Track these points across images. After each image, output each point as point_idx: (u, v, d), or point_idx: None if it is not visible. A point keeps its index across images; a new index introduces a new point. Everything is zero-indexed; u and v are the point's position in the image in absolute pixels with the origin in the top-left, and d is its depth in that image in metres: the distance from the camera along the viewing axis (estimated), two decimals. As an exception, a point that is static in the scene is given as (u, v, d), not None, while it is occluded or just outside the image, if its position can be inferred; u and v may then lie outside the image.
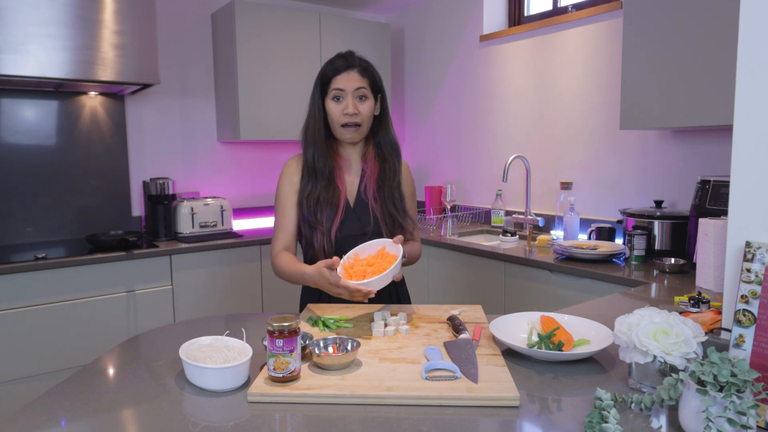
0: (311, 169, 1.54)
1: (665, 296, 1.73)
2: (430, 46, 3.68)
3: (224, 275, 2.85)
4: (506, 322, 1.24)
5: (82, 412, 0.93)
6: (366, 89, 1.51)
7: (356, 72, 1.50)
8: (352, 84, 1.49)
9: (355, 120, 1.50)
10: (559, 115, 2.90)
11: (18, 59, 2.33)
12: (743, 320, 0.91)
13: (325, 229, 1.50)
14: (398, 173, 1.59)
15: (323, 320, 1.30)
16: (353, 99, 1.50)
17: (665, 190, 2.48)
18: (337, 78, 1.50)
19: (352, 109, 1.49)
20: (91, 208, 2.97)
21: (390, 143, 1.59)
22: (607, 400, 0.84)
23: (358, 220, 1.54)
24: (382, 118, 1.59)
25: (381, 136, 1.59)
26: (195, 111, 3.29)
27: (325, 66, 1.53)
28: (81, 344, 2.46)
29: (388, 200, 1.55)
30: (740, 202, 1.00)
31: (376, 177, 1.56)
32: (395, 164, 1.59)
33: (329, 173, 1.53)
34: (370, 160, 1.58)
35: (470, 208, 3.42)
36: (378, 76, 1.56)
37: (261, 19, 3.09)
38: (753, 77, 0.98)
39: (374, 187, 1.56)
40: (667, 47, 2.06)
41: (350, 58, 1.52)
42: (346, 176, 1.58)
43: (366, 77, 1.51)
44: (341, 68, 1.50)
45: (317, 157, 1.53)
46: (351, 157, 1.60)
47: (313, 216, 1.52)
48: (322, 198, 1.52)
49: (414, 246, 1.63)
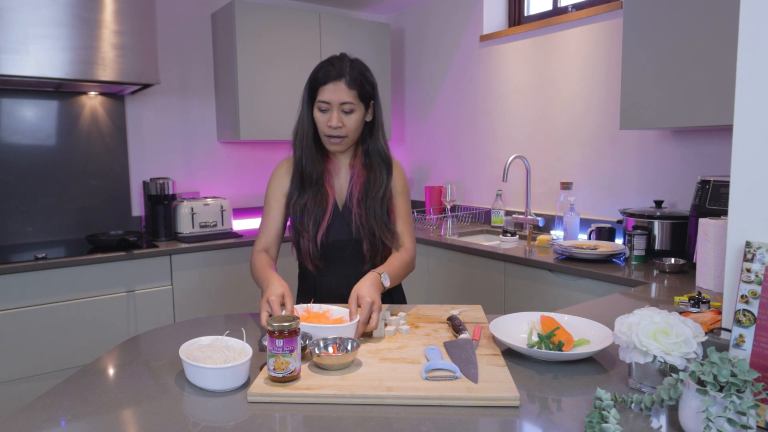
0: (300, 173, 1.53)
1: (665, 296, 1.73)
2: (430, 46, 3.68)
3: (224, 275, 2.84)
4: (506, 322, 1.24)
5: (82, 412, 0.93)
6: (353, 103, 1.44)
7: (344, 83, 1.43)
8: (337, 97, 1.43)
9: (339, 133, 1.47)
10: (559, 115, 2.90)
11: (18, 59, 2.33)
12: (743, 320, 0.91)
13: (311, 236, 1.50)
14: (384, 186, 1.53)
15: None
16: (338, 113, 1.44)
17: (665, 190, 2.48)
18: (323, 89, 1.44)
19: (336, 122, 1.44)
20: (91, 208, 2.97)
21: (378, 152, 1.54)
22: (607, 400, 0.84)
23: (345, 224, 1.53)
24: (373, 125, 1.54)
25: (370, 144, 1.55)
26: (195, 111, 3.29)
27: (315, 71, 1.47)
28: (81, 344, 2.46)
29: (369, 213, 1.51)
30: (740, 202, 1.00)
31: (361, 185, 1.53)
32: (382, 176, 1.53)
33: (317, 178, 1.52)
34: (358, 166, 1.55)
35: (470, 208, 3.42)
36: (369, 83, 1.48)
37: (261, 19, 3.09)
38: (753, 77, 0.98)
39: (358, 195, 1.52)
40: (667, 47, 2.06)
41: (339, 66, 1.44)
42: (336, 180, 1.56)
43: (354, 89, 1.44)
44: (329, 78, 1.43)
45: (306, 163, 1.51)
46: (340, 162, 1.58)
47: (299, 221, 1.51)
48: (309, 205, 1.51)
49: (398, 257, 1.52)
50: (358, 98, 1.46)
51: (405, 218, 1.59)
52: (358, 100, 1.46)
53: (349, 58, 1.47)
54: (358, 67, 1.47)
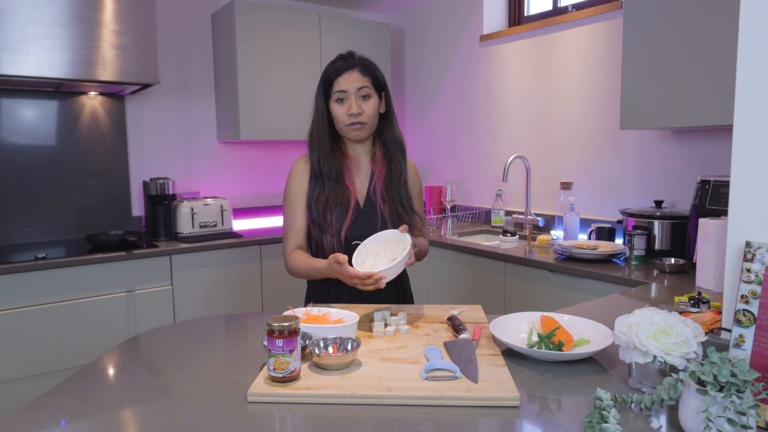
0: (317, 172, 1.55)
1: (665, 296, 1.73)
2: (430, 46, 3.68)
3: (224, 275, 2.84)
4: (506, 322, 1.24)
5: (82, 412, 0.93)
6: (369, 88, 1.51)
7: (357, 71, 1.50)
8: (354, 84, 1.49)
9: (360, 119, 1.51)
10: (559, 115, 2.90)
11: (18, 59, 2.33)
12: (743, 320, 0.91)
13: (335, 231, 1.51)
14: (404, 171, 1.60)
15: None
16: (356, 99, 1.50)
17: (665, 190, 2.48)
18: (338, 79, 1.50)
19: (356, 109, 1.49)
20: (91, 208, 2.97)
21: (395, 141, 1.60)
22: (607, 400, 0.84)
23: (368, 220, 1.55)
24: (387, 115, 1.60)
25: (387, 134, 1.60)
26: (195, 111, 3.29)
27: (327, 68, 1.54)
28: (81, 344, 2.46)
29: (395, 200, 1.56)
30: (740, 202, 1.00)
31: (383, 177, 1.58)
32: (401, 163, 1.59)
33: (336, 175, 1.54)
34: (378, 160, 1.59)
35: (470, 208, 3.42)
36: (380, 73, 1.56)
37: (261, 19, 3.09)
38: (753, 77, 0.98)
39: (382, 187, 1.57)
40: (667, 47, 2.06)
41: (350, 58, 1.52)
42: (356, 177, 1.59)
43: (368, 75, 1.51)
44: (342, 69, 1.50)
45: (322, 161, 1.54)
46: (360, 158, 1.61)
47: (322, 218, 1.53)
48: (331, 200, 1.53)
49: (421, 242, 1.63)
50: (372, 85, 1.52)
51: (420, 215, 1.66)
52: (373, 87, 1.52)
53: (358, 54, 1.55)
54: (367, 59, 1.56)
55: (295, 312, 1.28)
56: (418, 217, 1.62)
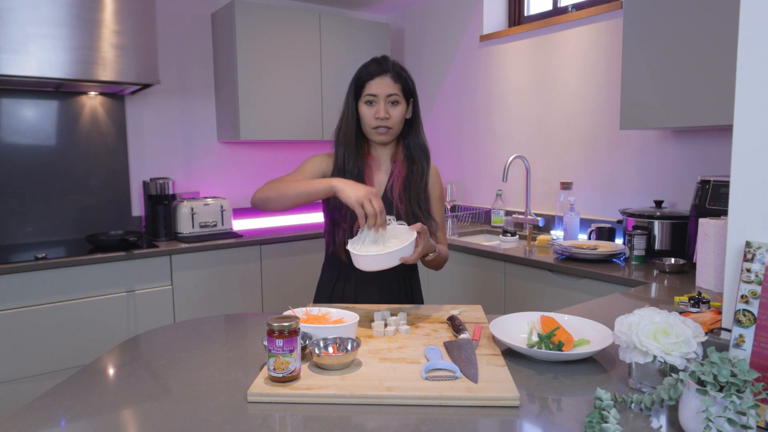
0: (341, 168, 1.57)
1: (665, 296, 1.73)
2: (430, 46, 3.68)
3: (224, 275, 2.84)
4: (506, 322, 1.24)
5: (82, 412, 0.93)
6: (398, 95, 1.54)
7: (389, 77, 1.54)
8: (384, 89, 1.53)
9: (386, 124, 1.54)
10: (559, 115, 2.90)
11: (18, 59, 2.33)
12: (743, 320, 0.91)
13: (348, 225, 1.53)
14: (425, 176, 1.61)
15: None
16: (385, 104, 1.53)
17: (665, 190, 2.48)
18: (370, 83, 1.53)
19: (384, 113, 1.52)
20: (91, 208, 2.97)
21: (420, 146, 1.62)
22: (607, 400, 0.84)
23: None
24: (413, 121, 1.62)
25: (411, 139, 1.62)
26: (195, 111, 3.29)
27: (360, 70, 1.57)
28: (81, 344, 2.46)
29: (413, 201, 1.57)
30: (740, 202, 1.00)
31: (403, 177, 1.59)
32: (423, 167, 1.61)
33: (358, 173, 1.56)
34: (399, 161, 1.61)
35: (470, 208, 3.42)
36: (411, 81, 1.59)
37: (261, 19, 3.09)
38: (753, 77, 0.98)
39: (400, 187, 1.58)
40: (667, 47, 2.06)
41: (384, 63, 1.56)
42: (375, 175, 1.61)
43: (399, 82, 1.55)
44: (375, 73, 1.54)
45: (347, 158, 1.57)
46: (381, 158, 1.63)
47: (337, 211, 1.55)
48: None
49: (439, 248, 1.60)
50: (402, 92, 1.56)
51: (441, 223, 1.66)
52: (402, 94, 1.56)
53: (392, 59, 1.59)
54: (400, 65, 1.60)
55: (295, 312, 1.28)
56: (435, 222, 1.62)
